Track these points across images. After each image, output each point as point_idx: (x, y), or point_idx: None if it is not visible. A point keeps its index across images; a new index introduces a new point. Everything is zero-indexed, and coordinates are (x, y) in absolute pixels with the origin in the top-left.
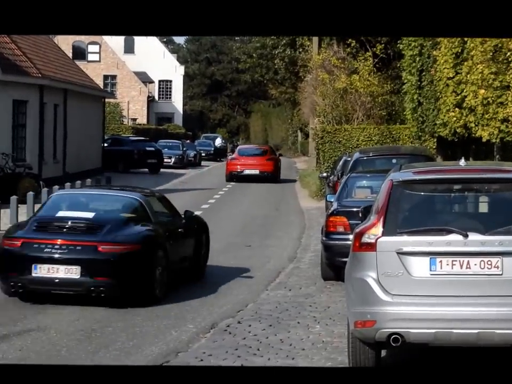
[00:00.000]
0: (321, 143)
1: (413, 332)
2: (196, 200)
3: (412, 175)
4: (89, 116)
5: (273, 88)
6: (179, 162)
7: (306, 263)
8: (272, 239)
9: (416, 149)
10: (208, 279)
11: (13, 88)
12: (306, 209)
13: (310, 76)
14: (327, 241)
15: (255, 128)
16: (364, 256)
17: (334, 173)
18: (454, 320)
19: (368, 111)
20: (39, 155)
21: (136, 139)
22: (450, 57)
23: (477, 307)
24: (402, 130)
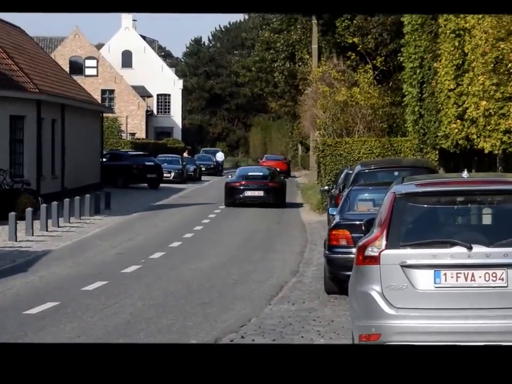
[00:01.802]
0: (322, 156)
1: (418, 345)
2: (196, 214)
3: (415, 188)
4: (88, 131)
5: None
6: (179, 177)
7: (309, 277)
8: (274, 253)
9: (418, 161)
10: (211, 293)
11: (9, 104)
12: (308, 222)
13: (310, 89)
14: (330, 255)
15: (254, 141)
16: (367, 269)
17: (335, 186)
18: (459, 333)
19: (369, 123)
20: (37, 171)
21: (135, 154)
22: (451, 69)
23: (482, 320)
24: (404, 143)
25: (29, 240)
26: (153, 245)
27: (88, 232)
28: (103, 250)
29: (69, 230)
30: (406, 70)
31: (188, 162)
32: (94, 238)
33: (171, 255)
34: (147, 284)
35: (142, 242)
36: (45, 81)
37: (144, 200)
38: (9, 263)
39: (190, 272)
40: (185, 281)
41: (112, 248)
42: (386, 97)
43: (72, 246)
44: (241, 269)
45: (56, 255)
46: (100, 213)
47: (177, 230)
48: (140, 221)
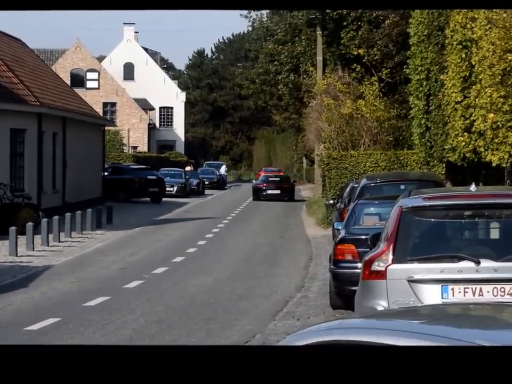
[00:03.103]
0: (327, 169)
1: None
2: (199, 229)
3: (422, 201)
4: (89, 144)
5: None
6: (181, 191)
7: (315, 292)
8: (279, 268)
9: (424, 174)
10: (214, 309)
11: (10, 117)
12: (313, 237)
13: (315, 102)
14: (335, 270)
15: (258, 155)
16: (373, 284)
17: (340, 200)
18: None
19: (374, 136)
20: (37, 185)
21: (137, 167)
22: (458, 81)
23: None
24: (410, 156)
25: (30, 255)
26: (156, 259)
27: (90, 247)
28: (105, 265)
29: (70, 244)
30: (412, 82)
31: (191, 176)
32: (95, 253)
33: (174, 270)
34: (150, 299)
35: (144, 257)
36: (45, 94)
37: (146, 215)
38: (10, 278)
39: (194, 287)
40: (188, 296)
41: (114, 263)
42: (392, 109)
43: (74, 261)
44: (245, 284)
45: (58, 270)
46: (101, 227)
47: (181, 245)
48: (142, 236)
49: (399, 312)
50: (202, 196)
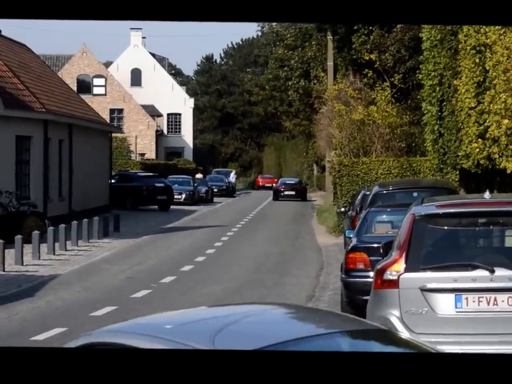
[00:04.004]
0: (338, 176)
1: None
2: (208, 237)
3: (435, 209)
4: (96, 151)
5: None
6: (190, 198)
7: (326, 302)
8: (289, 277)
9: (438, 181)
10: None
11: (16, 124)
12: (324, 245)
13: (326, 108)
14: (347, 279)
15: (268, 162)
16: (386, 293)
17: (352, 207)
18: None
19: (386, 143)
20: (43, 192)
21: (145, 175)
22: (472, 87)
23: (506, 345)
24: (423, 163)
25: (36, 264)
26: (164, 268)
27: (97, 255)
28: (112, 274)
29: (77, 253)
30: (425, 87)
31: (200, 184)
32: (102, 262)
33: (183, 279)
34: (158, 309)
35: (152, 266)
36: (51, 101)
37: (154, 223)
38: (16, 287)
39: (202, 297)
40: (197, 306)
41: (122, 272)
42: (405, 115)
43: (80, 270)
44: (254, 293)
45: (64, 279)
46: (108, 236)
47: (189, 254)
48: (150, 244)
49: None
50: (211, 203)
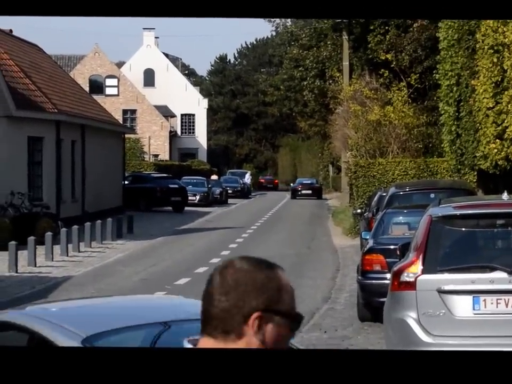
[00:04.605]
0: (354, 177)
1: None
2: (223, 239)
3: (452, 210)
4: (109, 152)
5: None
6: (204, 200)
7: (342, 303)
8: (305, 279)
9: (455, 182)
10: None
11: (27, 125)
12: (340, 247)
13: (341, 108)
14: (363, 281)
15: (283, 163)
16: (403, 295)
17: (368, 209)
18: None
19: (403, 143)
20: (56, 194)
21: (159, 176)
22: (490, 86)
23: None
24: (440, 164)
25: (49, 266)
26: (179, 270)
27: (110, 257)
28: (126, 276)
29: (90, 255)
30: (442, 87)
31: (214, 185)
32: (116, 264)
33: (197, 281)
34: None
35: (166, 267)
36: (64, 101)
37: (168, 224)
38: (29, 289)
39: None
40: None
41: (136, 274)
42: (422, 116)
43: (94, 271)
44: None
45: (77, 281)
46: (122, 237)
47: (204, 255)
48: (164, 246)
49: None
50: (226, 205)
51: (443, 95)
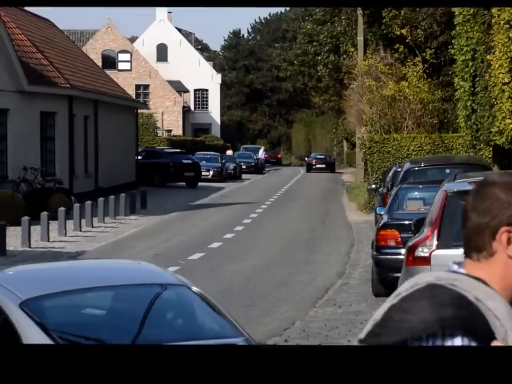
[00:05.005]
0: (369, 153)
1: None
2: (236, 214)
3: (468, 185)
4: (122, 128)
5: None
6: (218, 175)
7: (356, 279)
8: (319, 255)
9: (470, 158)
10: (253, 296)
11: (40, 100)
12: (355, 222)
13: (356, 83)
14: (377, 256)
15: (297, 138)
16: (417, 270)
17: (383, 184)
18: None
19: (418, 119)
20: (69, 169)
21: (172, 151)
22: (506, 61)
23: None
24: (456, 139)
25: (62, 241)
26: (192, 245)
27: (124, 232)
28: (140, 251)
29: (104, 230)
30: (457, 63)
31: (228, 160)
32: (130, 239)
33: (211, 256)
34: None
35: (180, 243)
36: (76, 76)
37: (181, 200)
38: None
39: (231, 274)
40: (226, 283)
41: (149, 249)
42: (437, 91)
43: (107, 247)
44: (284, 270)
45: (91, 256)
46: (135, 212)
47: (217, 230)
48: (178, 221)
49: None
50: (239, 180)
51: (458, 70)
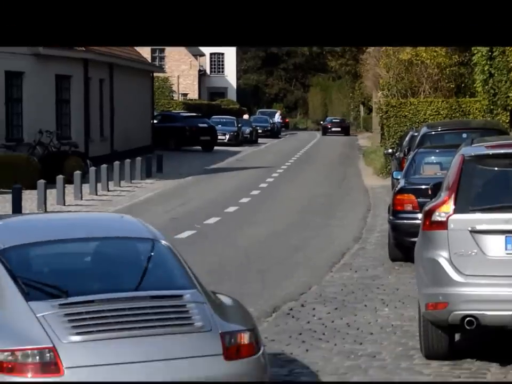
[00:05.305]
0: (385, 117)
1: (489, 314)
2: (252, 179)
3: (485, 150)
4: (137, 91)
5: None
6: (234, 139)
7: (373, 243)
8: (336, 219)
9: (488, 122)
10: (269, 260)
11: (55, 63)
12: (371, 187)
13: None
14: (394, 221)
15: (314, 102)
16: (434, 235)
17: (400, 149)
18: None
19: (435, 83)
20: (85, 132)
21: (188, 115)
22: None
23: None
24: (473, 104)
25: (78, 205)
26: (208, 210)
27: (140, 196)
28: (156, 215)
29: (119, 194)
30: None
31: (244, 124)
32: (145, 203)
33: (227, 221)
34: (202, 250)
35: (196, 207)
36: None
37: (197, 164)
38: None
39: (247, 238)
40: (241, 247)
41: (165, 213)
42: (454, 55)
43: (123, 210)
44: (300, 235)
45: None
46: (151, 176)
47: (233, 195)
48: (194, 185)
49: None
50: (256, 144)
51: None
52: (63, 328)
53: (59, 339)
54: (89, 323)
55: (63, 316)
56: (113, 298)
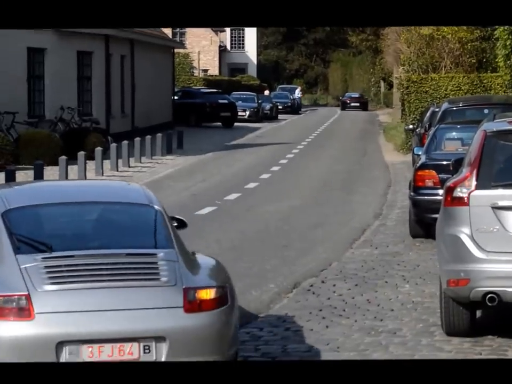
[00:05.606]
0: (406, 93)
1: (510, 290)
2: (273, 155)
3: (507, 125)
4: (158, 68)
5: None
6: (254, 115)
7: (393, 220)
8: (356, 195)
9: (509, 98)
10: (289, 236)
11: (76, 39)
12: (392, 163)
13: None
14: (415, 197)
15: (334, 78)
16: (456, 211)
17: (421, 124)
18: None
19: (456, 58)
20: (106, 109)
21: (208, 91)
22: None
23: None
24: (494, 79)
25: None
26: (229, 186)
27: (160, 172)
28: (176, 191)
29: (140, 170)
30: None
31: (264, 100)
32: (166, 179)
33: (247, 197)
34: (222, 226)
35: (216, 183)
36: None
37: (218, 140)
38: None
39: (268, 214)
40: (262, 223)
41: (186, 189)
42: (476, 30)
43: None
44: (321, 211)
45: None
46: (172, 152)
47: (253, 171)
48: (214, 161)
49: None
50: (276, 120)
51: None
52: (40, 278)
53: (34, 287)
54: (64, 275)
55: (43, 267)
56: (91, 254)
